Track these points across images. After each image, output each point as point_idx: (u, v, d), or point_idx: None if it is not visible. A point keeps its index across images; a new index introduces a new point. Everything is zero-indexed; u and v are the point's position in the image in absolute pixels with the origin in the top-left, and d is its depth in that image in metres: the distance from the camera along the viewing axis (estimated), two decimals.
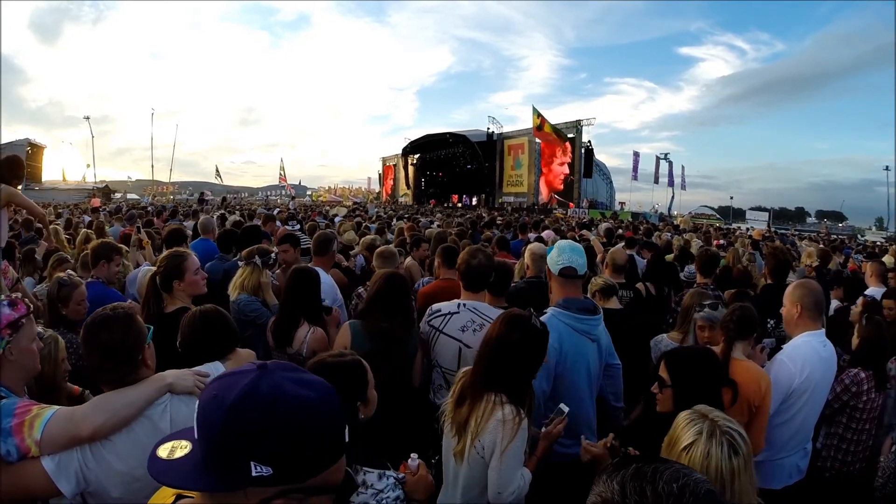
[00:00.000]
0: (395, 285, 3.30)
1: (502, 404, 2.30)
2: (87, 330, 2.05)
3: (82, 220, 12.58)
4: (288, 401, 0.95)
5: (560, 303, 3.10)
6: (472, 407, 2.35)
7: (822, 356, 3.23)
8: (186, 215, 14.21)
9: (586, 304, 3.13)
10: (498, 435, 2.25)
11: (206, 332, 2.56)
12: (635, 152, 50.83)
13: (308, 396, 0.96)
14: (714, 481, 1.60)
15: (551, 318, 3.00)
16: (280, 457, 0.93)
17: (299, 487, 0.95)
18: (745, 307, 3.23)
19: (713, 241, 13.66)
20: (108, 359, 2.01)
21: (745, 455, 1.65)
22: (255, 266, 4.20)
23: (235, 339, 2.63)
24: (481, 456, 2.29)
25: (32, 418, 1.81)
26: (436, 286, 4.41)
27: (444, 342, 3.40)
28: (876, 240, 34.14)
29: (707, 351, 2.68)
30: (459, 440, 2.36)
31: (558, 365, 2.95)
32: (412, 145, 57.24)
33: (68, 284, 3.60)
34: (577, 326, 3.02)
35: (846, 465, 3.64)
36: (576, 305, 3.07)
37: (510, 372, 2.36)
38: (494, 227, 12.63)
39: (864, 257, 13.14)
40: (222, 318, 2.64)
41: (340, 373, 1.90)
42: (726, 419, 1.73)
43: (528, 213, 33.38)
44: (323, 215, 17.26)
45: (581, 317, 3.04)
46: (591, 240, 8.40)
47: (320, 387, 0.99)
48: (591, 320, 3.07)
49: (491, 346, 2.40)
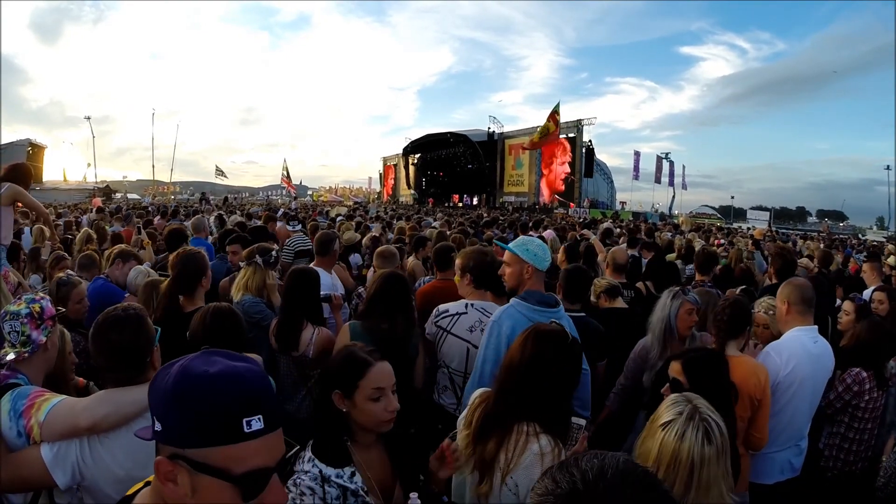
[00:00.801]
0: (394, 285, 3.29)
1: (537, 434, 2.05)
2: (96, 330, 2.07)
3: (81, 221, 12.57)
4: (187, 369, 1.03)
5: (521, 294, 3.02)
6: (499, 440, 2.08)
7: (812, 352, 3.23)
8: (188, 215, 14.22)
9: (547, 298, 3.02)
10: (535, 471, 1.98)
11: (217, 330, 2.58)
12: (636, 152, 50.96)
13: (205, 372, 1.02)
14: (683, 463, 1.64)
15: (509, 307, 2.96)
16: (164, 415, 1.02)
17: (182, 454, 1.00)
18: (736, 302, 3.23)
19: (714, 240, 13.67)
20: (117, 359, 2.03)
21: (720, 446, 1.67)
22: (256, 266, 4.18)
23: (244, 341, 2.64)
24: (514, 493, 2.02)
25: (42, 401, 1.90)
26: (433, 286, 4.40)
27: (451, 343, 3.38)
28: (877, 239, 34.11)
29: (719, 354, 2.71)
30: (483, 479, 2.09)
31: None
32: (413, 145, 57.31)
33: (67, 284, 3.62)
34: (533, 318, 2.84)
35: (848, 464, 3.64)
36: (535, 297, 2.97)
37: (543, 397, 2.12)
38: (496, 227, 12.64)
39: (865, 257, 13.11)
40: (235, 317, 2.68)
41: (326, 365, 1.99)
42: (710, 408, 1.75)
43: (529, 212, 33.38)
44: (324, 216, 17.25)
45: (539, 308, 2.92)
46: (591, 239, 8.39)
47: (226, 367, 1.04)
48: (549, 312, 2.91)
49: (519, 368, 2.14)
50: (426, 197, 56.05)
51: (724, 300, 3.28)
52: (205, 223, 7.49)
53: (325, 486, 1.80)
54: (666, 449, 1.68)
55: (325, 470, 1.83)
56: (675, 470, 1.65)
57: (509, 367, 2.19)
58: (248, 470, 1.01)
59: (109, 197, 38.37)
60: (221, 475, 1.00)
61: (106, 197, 35.66)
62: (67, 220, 12.88)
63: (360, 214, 17.47)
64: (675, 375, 2.48)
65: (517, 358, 2.17)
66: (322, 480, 1.81)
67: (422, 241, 6.70)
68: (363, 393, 1.89)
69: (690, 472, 1.63)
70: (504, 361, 2.27)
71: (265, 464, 1.04)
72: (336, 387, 1.92)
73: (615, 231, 11.52)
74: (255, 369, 1.08)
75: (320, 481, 1.81)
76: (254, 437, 1.01)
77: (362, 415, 1.90)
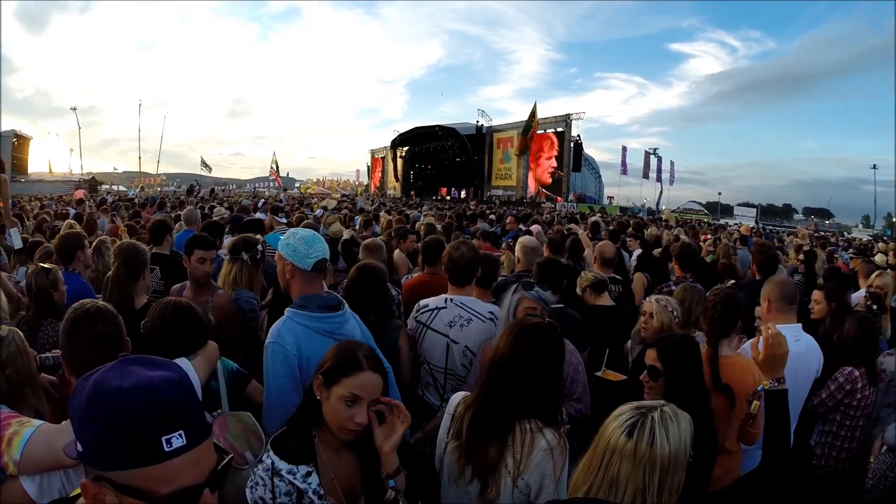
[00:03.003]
0: (365, 277, 3.26)
1: (541, 430, 2.02)
2: (77, 320, 2.08)
3: (68, 212, 12.42)
4: (100, 385, 0.95)
5: (296, 302, 2.58)
6: (501, 444, 2.02)
7: (793, 350, 3.13)
8: (174, 207, 14.08)
9: (328, 300, 2.63)
10: (547, 465, 1.97)
11: (178, 326, 2.46)
12: (623, 147, 51.04)
13: (118, 387, 0.94)
14: (598, 451, 1.57)
15: (286, 321, 2.51)
16: (81, 436, 0.95)
17: (105, 476, 0.93)
18: (727, 297, 3.07)
19: (700, 235, 13.73)
20: (99, 351, 2.01)
21: (641, 447, 1.50)
22: (243, 263, 3.97)
23: (205, 334, 2.56)
24: (525, 494, 1.99)
25: (11, 434, 1.73)
26: (420, 280, 4.37)
27: (431, 338, 3.34)
28: (863, 237, 34.48)
29: (691, 339, 2.67)
30: (488, 485, 2.01)
31: (309, 375, 2.41)
32: (401, 138, 57.01)
33: (51, 269, 3.52)
34: (318, 327, 2.50)
35: (840, 461, 3.63)
36: (315, 303, 2.55)
37: (544, 392, 2.10)
38: (484, 221, 12.60)
39: (853, 254, 13.21)
40: (193, 312, 2.55)
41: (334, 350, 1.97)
42: (669, 412, 1.58)
43: (517, 206, 33.38)
44: (310, 208, 17.14)
45: (321, 315, 2.53)
46: (578, 234, 8.39)
47: (140, 380, 0.95)
48: (333, 318, 2.56)
49: (517, 367, 2.07)
50: (413, 190, 55.93)
51: (714, 294, 3.14)
52: (197, 215, 7.37)
53: (273, 479, 1.78)
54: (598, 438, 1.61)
55: (277, 463, 1.80)
56: (591, 455, 1.59)
57: (502, 367, 2.11)
58: (175, 490, 0.95)
59: (95, 189, 37.95)
60: (147, 498, 0.94)
61: (91, 189, 35.26)
62: (50, 210, 12.72)
63: (346, 207, 17.39)
64: (651, 363, 2.48)
65: (512, 357, 2.10)
66: (272, 473, 1.78)
67: (403, 235, 6.66)
68: (340, 391, 1.83)
69: (601, 459, 1.55)
70: (493, 362, 2.16)
71: (193, 482, 0.98)
72: (321, 372, 1.89)
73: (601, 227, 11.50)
74: (173, 378, 0.98)
75: (270, 473, 1.78)
76: (176, 456, 0.94)
77: (330, 411, 1.86)
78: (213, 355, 2.57)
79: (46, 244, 5.43)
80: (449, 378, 3.26)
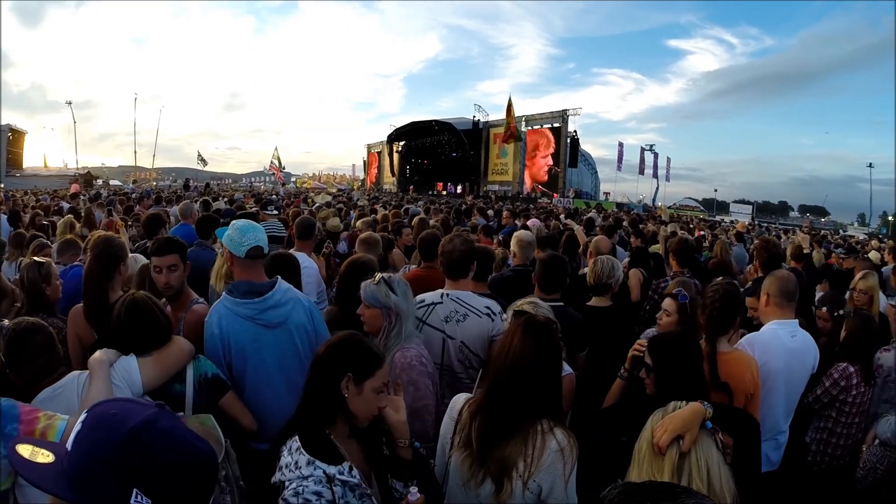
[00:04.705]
0: (355, 271, 3.28)
1: (552, 430, 2.01)
2: (19, 337, 2.23)
3: (62, 206, 12.38)
4: (184, 443, 0.98)
5: (228, 287, 2.84)
6: (517, 444, 2.00)
7: (789, 346, 3.17)
8: (170, 201, 14.07)
9: (258, 287, 2.80)
10: (558, 466, 1.96)
11: (132, 323, 2.39)
12: (620, 143, 50.99)
13: (200, 447, 1.00)
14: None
15: (217, 303, 2.82)
16: (164, 495, 0.94)
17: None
18: (727, 292, 3.00)
19: (695, 231, 13.74)
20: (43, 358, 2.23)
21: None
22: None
23: (167, 332, 2.49)
24: (536, 495, 1.98)
25: (44, 428, 1.74)
26: (417, 274, 4.33)
27: (427, 333, 3.28)
28: (858, 235, 34.60)
29: (685, 335, 2.64)
30: (503, 486, 1.98)
31: (231, 355, 2.78)
32: (397, 132, 56.92)
33: (44, 263, 3.47)
34: (238, 311, 2.74)
35: (835, 458, 3.62)
36: (242, 289, 2.77)
37: (555, 390, 2.12)
38: (480, 216, 12.55)
39: (844, 253, 13.28)
40: (150, 309, 2.44)
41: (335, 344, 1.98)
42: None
43: (513, 201, 33.38)
44: (307, 202, 17.10)
45: (242, 301, 2.74)
46: (574, 229, 8.38)
47: (204, 443, 1.02)
48: (252, 304, 2.74)
49: (531, 367, 2.04)
50: (409, 185, 55.87)
51: (712, 290, 3.05)
52: (193, 209, 7.39)
53: (332, 487, 1.75)
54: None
55: (329, 469, 1.77)
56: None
57: (514, 368, 2.05)
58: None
59: (90, 183, 37.83)
60: None
61: (86, 183, 35.15)
62: (45, 204, 12.68)
63: (342, 201, 17.36)
64: (645, 359, 2.49)
65: (526, 356, 2.04)
66: (328, 481, 1.75)
67: (398, 230, 6.63)
68: (373, 384, 1.91)
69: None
70: (504, 363, 2.09)
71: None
72: (350, 370, 1.90)
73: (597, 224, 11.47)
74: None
75: (326, 482, 1.75)
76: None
77: (362, 404, 1.90)
78: (173, 357, 2.46)
79: (40, 238, 5.38)
80: (444, 374, 3.25)
